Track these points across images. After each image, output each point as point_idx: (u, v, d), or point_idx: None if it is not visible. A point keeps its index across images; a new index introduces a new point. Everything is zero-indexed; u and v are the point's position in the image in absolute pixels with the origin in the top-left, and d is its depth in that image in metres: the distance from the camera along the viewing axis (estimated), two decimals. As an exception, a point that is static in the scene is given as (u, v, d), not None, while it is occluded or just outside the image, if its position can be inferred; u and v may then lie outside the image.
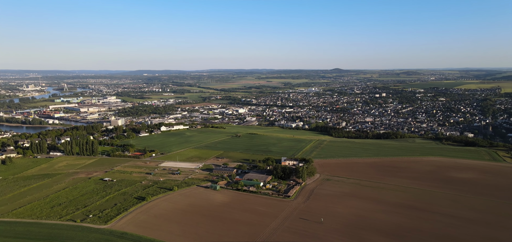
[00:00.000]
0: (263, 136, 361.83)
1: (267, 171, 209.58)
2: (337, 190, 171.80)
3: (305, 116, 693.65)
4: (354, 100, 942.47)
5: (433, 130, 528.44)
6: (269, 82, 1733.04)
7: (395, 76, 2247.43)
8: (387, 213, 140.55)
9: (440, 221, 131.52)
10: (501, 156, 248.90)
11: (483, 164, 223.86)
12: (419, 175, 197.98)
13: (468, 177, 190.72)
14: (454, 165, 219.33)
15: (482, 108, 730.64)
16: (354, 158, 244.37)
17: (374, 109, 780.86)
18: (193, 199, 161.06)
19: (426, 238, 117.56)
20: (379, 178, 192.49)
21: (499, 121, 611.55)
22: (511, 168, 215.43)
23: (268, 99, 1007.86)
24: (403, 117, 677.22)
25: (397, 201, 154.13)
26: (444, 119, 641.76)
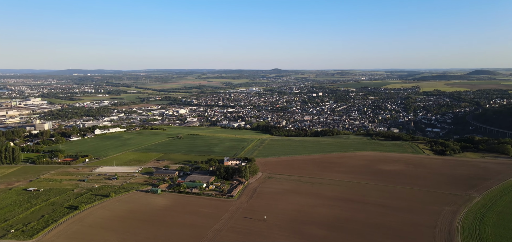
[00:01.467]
0: (205, 137, 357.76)
1: (210, 172, 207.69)
2: (279, 188, 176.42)
3: (246, 115, 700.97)
4: (293, 99, 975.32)
5: (365, 126, 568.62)
6: (210, 82, 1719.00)
7: (330, 76, 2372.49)
8: (326, 206, 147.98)
9: (372, 210, 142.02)
10: (421, 149, 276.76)
11: (407, 157, 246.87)
12: (353, 169, 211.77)
13: (395, 169, 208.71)
14: (383, 159, 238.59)
15: (405, 106, 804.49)
16: (294, 156, 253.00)
17: (312, 108, 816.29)
18: (132, 205, 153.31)
19: (360, 227, 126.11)
20: (318, 173, 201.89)
21: (419, 117, 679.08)
22: (430, 159, 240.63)
23: (209, 99, 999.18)
24: (338, 115, 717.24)
25: (334, 195, 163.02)
26: (374, 116, 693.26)
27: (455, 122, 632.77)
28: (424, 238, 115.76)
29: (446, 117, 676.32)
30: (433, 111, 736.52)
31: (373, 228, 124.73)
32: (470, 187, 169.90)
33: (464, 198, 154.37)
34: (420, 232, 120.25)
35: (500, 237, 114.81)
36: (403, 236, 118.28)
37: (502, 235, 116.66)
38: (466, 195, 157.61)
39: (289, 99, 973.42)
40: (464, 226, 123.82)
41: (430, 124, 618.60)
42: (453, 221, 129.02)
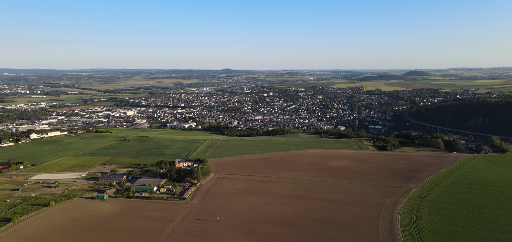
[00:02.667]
0: (155, 139, 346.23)
1: (161, 175, 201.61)
2: (232, 188, 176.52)
3: (197, 116, 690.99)
4: (244, 99, 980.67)
5: (314, 125, 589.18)
6: (159, 83, 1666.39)
7: (280, 76, 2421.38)
8: (278, 204, 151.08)
9: (321, 206, 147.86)
10: (365, 145, 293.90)
11: (352, 153, 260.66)
12: (304, 166, 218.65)
13: (342, 165, 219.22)
14: (331, 156, 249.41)
15: (350, 105, 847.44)
16: (246, 155, 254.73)
17: (263, 108, 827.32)
18: (75, 213, 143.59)
19: (311, 222, 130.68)
20: (270, 172, 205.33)
21: (363, 115, 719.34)
22: (373, 154, 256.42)
23: (158, 100, 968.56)
24: (288, 114, 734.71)
25: (286, 193, 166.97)
26: (322, 115, 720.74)
27: (395, 119, 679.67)
28: (369, 229, 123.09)
29: (386, 114, 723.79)
30: (375, 109, 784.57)
31: (323, 223, 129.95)
32: (408, 179, 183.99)
33: (403, 189, 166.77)
34: (366, 224, 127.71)
35: (433, 223, 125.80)
36: (350, 228, 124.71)
37: (435, 221, 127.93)
38: (404, 187, 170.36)
39: (241, 99, 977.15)
40: (403, 215, 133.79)
41: (372, 121, 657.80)
42: (394, 211, 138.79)
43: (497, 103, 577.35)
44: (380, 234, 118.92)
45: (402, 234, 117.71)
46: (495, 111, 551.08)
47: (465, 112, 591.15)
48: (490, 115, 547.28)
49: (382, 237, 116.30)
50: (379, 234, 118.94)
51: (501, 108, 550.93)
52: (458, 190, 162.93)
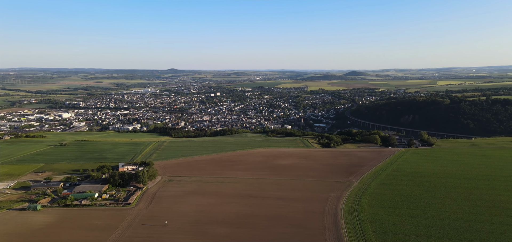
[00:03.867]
0: (95, 142, 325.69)
1: (103, 180, 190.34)
2: (180, 190, 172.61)
3: (142, 117, 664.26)
4: (191, 100, 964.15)
5: (261, 124, 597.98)
6: (99, 83, 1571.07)
7: (227, 76, 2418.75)
8: (227, 204, 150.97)
9: (270, 204, 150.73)
10: (311, 143, 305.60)
11: (299, 151, 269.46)
12: (252, 166, 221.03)
13: (289, 163, 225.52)
14: (279, 154, 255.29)
15: (296, 104, 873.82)
16: (195, 157, 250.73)
17: (210, 108, 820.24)
18: (2, 228, 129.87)
19: (260, 221, 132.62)
20: (218, 173, 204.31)
21: (308, 114, 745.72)
22: (318, 152, 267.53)
23: (99, 101, 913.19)
24: (236, 114, 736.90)
25: (235, 192, 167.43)
26: (269, 114, 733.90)
27: (337, 117, 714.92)
28: (315, 223, 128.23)
29: (329, 113, 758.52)
30: (319, 108, 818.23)
31: (272, 221, 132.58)
32: (350, 174, 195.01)
33: (346, 184, 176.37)
34: (312, 218, 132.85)
35: (372, 214, 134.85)
36: (298, 224, 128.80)
37: (374, 212, 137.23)
38: (347, 181, 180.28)
39: (187, 100, 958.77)
40: (346, 209, 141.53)
41: (317, 120, 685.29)
42: (337, 205, 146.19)
43: (425, 101, 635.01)
44: (325, 227, 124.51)
45: (345, 226, 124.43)
46: (423, 108, 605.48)
47: (398, 109, 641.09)
48: (419, 112, 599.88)
49: (328, 231, 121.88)
50: (324, 227, 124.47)
51: (427, 106, 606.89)
52: (394, 182, 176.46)
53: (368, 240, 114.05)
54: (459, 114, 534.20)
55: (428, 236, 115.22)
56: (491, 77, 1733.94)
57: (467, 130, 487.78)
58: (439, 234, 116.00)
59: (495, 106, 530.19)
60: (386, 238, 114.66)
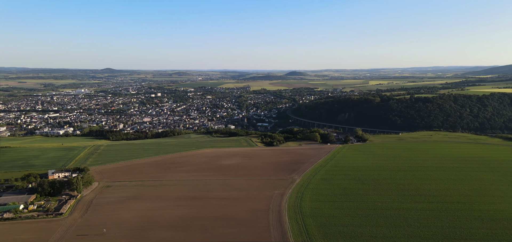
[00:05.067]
0: (19, 149, 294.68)
1: (30, 190, 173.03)
2: (120, 196, 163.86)
3: (75, 120, 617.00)
4: (130, 100, 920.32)
5: (204, 125, 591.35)
6: (22, 83, 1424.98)
7: (168, 76, 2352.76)
8: (171, 208, 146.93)
9: (215, 204, 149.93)
10: (254, 142, 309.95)
11: (243, 150, 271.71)
12: (196, 167, 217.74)
13: (233, 163, 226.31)
14: (223, 154, 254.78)
15: (239, 104, 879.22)
16: (135, 160, 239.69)
17: (151, 109, 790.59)
18: None
19: (205, 222, 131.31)
20: (161, 175, 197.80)
21: (251, 114, 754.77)
22: (262, 150, 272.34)
23: (22, 103, 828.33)
24: (178, 115, 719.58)
25: (179, 195, 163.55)
26: (212, 115, 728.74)
27: (279, 116, 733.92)
28: (260, 221, 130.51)
29: (272, 112, 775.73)
30: (261, 107, 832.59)
31: (218, 221, 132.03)
32: (292, 171, 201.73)
33: (289, 181, 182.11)
34: (257, 216, 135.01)
35: (314, 209, 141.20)
36: (244, 223, 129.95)
37: (315, 207, 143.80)
38: (290, 179, 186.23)
39: (126, 101, 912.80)
40: (289, 205, 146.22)
41: (260, 119, 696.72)
42: (281, 202, 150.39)
43: (359, 100, 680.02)
44: (270, 224, 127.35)
45: (289, 222, 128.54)
46: (357, 106, 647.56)
47: (335, 108, 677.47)
48: (354, 110, 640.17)
49: (272, 227, 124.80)
50: (269, 224, 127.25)
51: (361, 104, 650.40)
52: (333, 177, 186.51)
53: (310, 233, 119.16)
54: (388, 111, 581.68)
55: (363, 225, 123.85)
56: (413, 77, 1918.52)
57: (395, 125, 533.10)
58: (373, 223, 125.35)
59: (417, 104, 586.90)
60: (326, 231, 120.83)
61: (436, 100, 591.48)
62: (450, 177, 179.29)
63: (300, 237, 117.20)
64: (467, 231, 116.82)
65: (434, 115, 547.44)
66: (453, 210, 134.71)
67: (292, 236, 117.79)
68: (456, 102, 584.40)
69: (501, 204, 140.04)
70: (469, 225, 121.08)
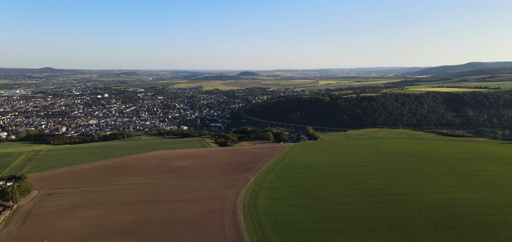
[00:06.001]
0: None
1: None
2: (63, 204, 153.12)
3: (9, 124, 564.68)
4: (73, 102, 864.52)
5: (156, 126, 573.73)
6: None
7: (116, 76, 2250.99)
8: (121, 213, 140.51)
9: (168, 207, 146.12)
10: (208, 143, 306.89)
11: (196, 151, 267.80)
12: (148, 170, 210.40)
13: (187, 164, 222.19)
14: (175, 156, 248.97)
15: (192, 104, 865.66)
16: (80, 165, 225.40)
17: (98, 111, 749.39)
18: None
19: (158, 226, 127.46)
20: (110, 180, 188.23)
21: (204, 114, 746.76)
22: (215, 151, 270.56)
23: None
24: (128, 116, 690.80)
25: (129, 200, 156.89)
26: (164, 116, 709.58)
27: (233, 116, 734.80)
28: (215, 222, 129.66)
29: (225, 112, 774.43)
30: (215, 107, 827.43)
31: (171, 225, 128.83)
32: (247, 170, 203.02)
33: (243, 180, 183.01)
34: (212, 217, 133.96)
35: (268, 207, 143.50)
36: (198, 225, 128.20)
37: (270, 205, 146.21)
38: (244, 178, 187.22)
39: (69, 102, 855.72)
40: (244, 204, 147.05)
41: (213, 119, 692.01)
42: (236, 202, 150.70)
43: (309, 99, 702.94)
44: (225, 225, 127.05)
45: (244, 222, 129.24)
46: (308, 105, 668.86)
47: (287, 107, 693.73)
48: (305, 109, 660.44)
49: (227, 228, 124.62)
50: (224, 225, 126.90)
51: (312, 103, 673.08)
52: (286, 175, 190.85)
53: (265, 231, 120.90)
54: (337, 110, 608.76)
55: (316, 221, 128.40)
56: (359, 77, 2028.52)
57: (344, 123, 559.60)
58: (325, 218, 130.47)
59: (363, 103, 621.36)
60: (280, 228, 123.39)
61: (379, 99, 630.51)
62: (393, 171, 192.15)
63: (255, 235, 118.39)
64: (408, 219, 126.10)
65: (378, 113, 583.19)
66: (396, 201, 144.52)
67: (247, 235, 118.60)
68: (397, 100, 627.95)
69: (436, 194, 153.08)
70: (409, 214, 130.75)
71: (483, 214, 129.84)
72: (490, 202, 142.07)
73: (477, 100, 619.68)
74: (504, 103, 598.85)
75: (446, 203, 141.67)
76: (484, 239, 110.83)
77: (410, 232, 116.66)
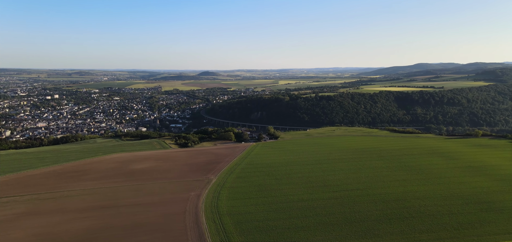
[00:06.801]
0: None
1: None
2: (8, 213, 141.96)
3: None
4: (19, 104, 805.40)
5: (113, 128, 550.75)
6: None
7: (67, 76, 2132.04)
8: (75, 220, 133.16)
9: (127, 212, 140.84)
10: (168, 144, 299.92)
11: (156, 153, 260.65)
12: (104, 174, 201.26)
13: (146, 167, 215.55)
14: (134, 158, 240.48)
15: (150, 105, 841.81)
16: (28, 171, 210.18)
17: (47, 113, 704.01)
18: None
19: (116, 232, 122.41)
20: (62, 186, 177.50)
21: (163, 115, 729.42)
22: (176, 152, 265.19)
23: None
24: (81, 118, 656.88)
25: (84, 206, 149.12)
26: (121, 117, 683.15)
27: (193, 117, 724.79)
28: (177, 225, 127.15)
29: (185, 113, 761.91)
30: (174, 108, 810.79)
31: (130, 230, 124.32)
32: (208, 171, 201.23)
33: (205, 181, 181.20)
34: (173, 220, 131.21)
35: (231, 207, 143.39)
36: (159, 228, 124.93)
37: (232, 205, 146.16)
38: (206, 179, 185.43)
39: (14, 104, 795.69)
40: (206, 205, 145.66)
41: (173, 120, 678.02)
42: (198, 203, 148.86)
43: (270, 99, 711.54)
44: (187, 227, 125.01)
45: (206, 223, 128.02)
46: (269, 105, 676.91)
47: (248, 107, 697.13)
48: (266, 109, 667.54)
49: (189, 230, 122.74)
50: (186, 227, 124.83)
51: (272, 103, 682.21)
52: (248, 175, 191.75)
53: (228, 232, 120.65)
54: (297, 109, 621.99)
55: (277, 219, 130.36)
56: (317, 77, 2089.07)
57: (303, 122, 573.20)
58: (286, 216, 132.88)
59: (322, 102, 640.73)
60: (243, 227, 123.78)
61: (337, 98, 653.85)
62: (350, 167, 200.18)
63: (217, 236, 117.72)
64: (364, 213, 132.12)
65: (336, 111, 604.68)
66: (353, 197, 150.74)
67: (209, 236, 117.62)
68: (353, 99, 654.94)
69: (389, 188, 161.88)
70: (365, 208, 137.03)
71: (431, 205, 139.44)
72: (437, 193, 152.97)
73: (424, 98, 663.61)
74: (448, 101, 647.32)
75: (398, 196, 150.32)
76: (432, 228, 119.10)
77: (366, 225, 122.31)
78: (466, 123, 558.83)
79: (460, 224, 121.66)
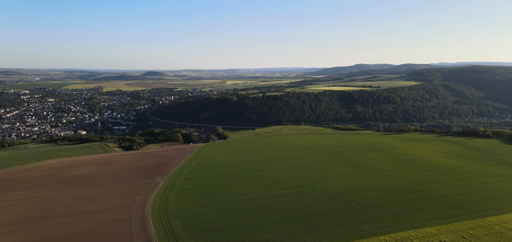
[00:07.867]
0: None
1: None
2: None
3: None
4: None
5: (47, 132, 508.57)
6: None
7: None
8: (3, 235, 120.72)
9: (65, 222, 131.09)
10: (111, 148, 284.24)
11: (98, 157, 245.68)
12: (38, 182, 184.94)
13: (86, 172, 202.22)
14: (73, 164, 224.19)
15: (90, 106, 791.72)
16: None
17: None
18: None
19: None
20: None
21: (105, 117, 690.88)
22: (120, 155, 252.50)
23: None
24: (9, 122, 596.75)
25: (14, 218, 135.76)
26: (57, 120, 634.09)
27: (138, 118, 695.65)
28: (122, 232, 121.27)
29: (130, 114, 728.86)
30: (118, 110, 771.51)
31: (73, 240, 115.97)
32: (156, 174, 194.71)
33: (152, 185, 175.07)
34: (118, 227, 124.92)
35: (180, 210, 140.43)
36: (102, 236, 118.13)
37: (181, 207, 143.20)
38: (153, 182, 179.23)
39: None
40: (153, 209, 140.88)
41: (116, 122, 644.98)
42: (145, 207, 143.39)
43: (218, 99, 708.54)
44: (133, 233, 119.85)
45: (154, 228, 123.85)
46: (217, 105, 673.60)
47: (196, 107, 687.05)
48: (214, 109, 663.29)
49: (136, 236, 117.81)
50: (132, 233, 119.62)
51: (220, 103, 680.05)
52: (197, 176, 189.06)
53: (177, 235, 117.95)
54: (245, 109, 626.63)
55: (227, 219, 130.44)
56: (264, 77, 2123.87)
57: (252, 122, 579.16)
58: (236, 215, 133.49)
59: (269, 101, 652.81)
60: (193, 229, 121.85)
61: (283, 97, 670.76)
62: (297, 165, 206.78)
63: (166, 241, 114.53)
64: (311, 208, 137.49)
65: (283, 111, 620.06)
66: (300, 193, 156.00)
67: (158, 241, 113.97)
68: (299, 99, 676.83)
69: (334, 183, 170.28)
70: (312, 204, 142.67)
71: (371, 197, 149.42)
72: (376, 186, 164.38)
73: (363, 97, 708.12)
74: (384, 100, 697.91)
75: (342, 190, 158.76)
76: (372, 218, 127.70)
77: (313, 219, 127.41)
78: (400, 120, 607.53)
79: (396, 213, 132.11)
